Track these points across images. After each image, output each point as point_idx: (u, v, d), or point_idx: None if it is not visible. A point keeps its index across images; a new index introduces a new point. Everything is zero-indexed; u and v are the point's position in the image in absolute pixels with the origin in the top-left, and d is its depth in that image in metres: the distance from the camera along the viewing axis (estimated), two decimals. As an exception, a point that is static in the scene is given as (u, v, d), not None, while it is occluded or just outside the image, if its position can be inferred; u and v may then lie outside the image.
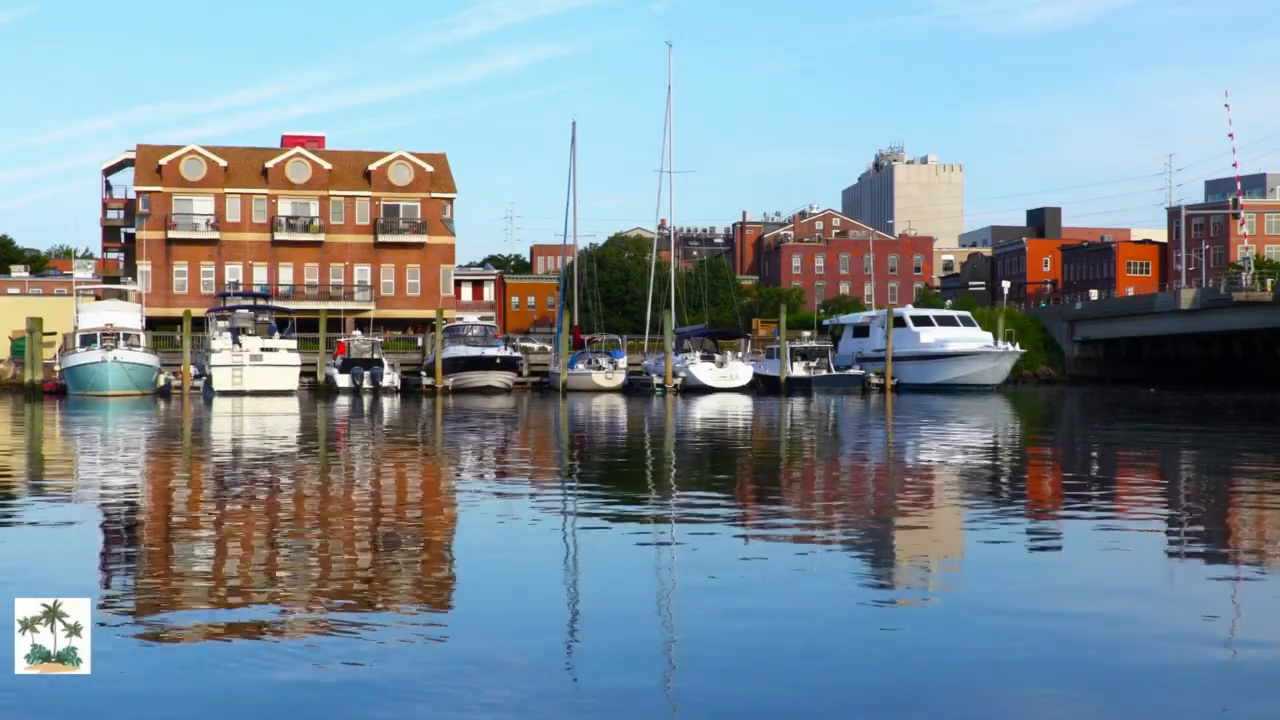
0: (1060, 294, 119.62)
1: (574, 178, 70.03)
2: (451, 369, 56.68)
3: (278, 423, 33.46)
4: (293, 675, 6.81)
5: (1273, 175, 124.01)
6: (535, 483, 17.76)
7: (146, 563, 10.49)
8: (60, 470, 20.15)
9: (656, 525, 12.95)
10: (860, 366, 64.19)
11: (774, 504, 15.11)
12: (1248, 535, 12.55)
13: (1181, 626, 8.15)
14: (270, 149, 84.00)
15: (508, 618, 8.23)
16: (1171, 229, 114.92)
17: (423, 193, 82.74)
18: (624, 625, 8.06)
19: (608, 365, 60.14)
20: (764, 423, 34.66)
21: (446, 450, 24.25)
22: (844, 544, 11.85)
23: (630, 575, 10.01)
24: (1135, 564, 10.71)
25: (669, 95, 70.06)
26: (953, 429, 31.01)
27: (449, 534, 12.58)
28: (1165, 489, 17.13)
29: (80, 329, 53.44)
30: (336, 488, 16.69)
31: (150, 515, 13.91)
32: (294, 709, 6.24)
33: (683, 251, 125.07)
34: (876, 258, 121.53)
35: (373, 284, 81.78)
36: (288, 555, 10.86)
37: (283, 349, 54.13)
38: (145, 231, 78.71)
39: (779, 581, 9.55)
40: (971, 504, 14.95)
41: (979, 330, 66.90)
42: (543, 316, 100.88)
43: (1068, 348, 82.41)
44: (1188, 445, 25.55)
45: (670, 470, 19.79)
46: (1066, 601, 8.90)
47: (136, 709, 6.20)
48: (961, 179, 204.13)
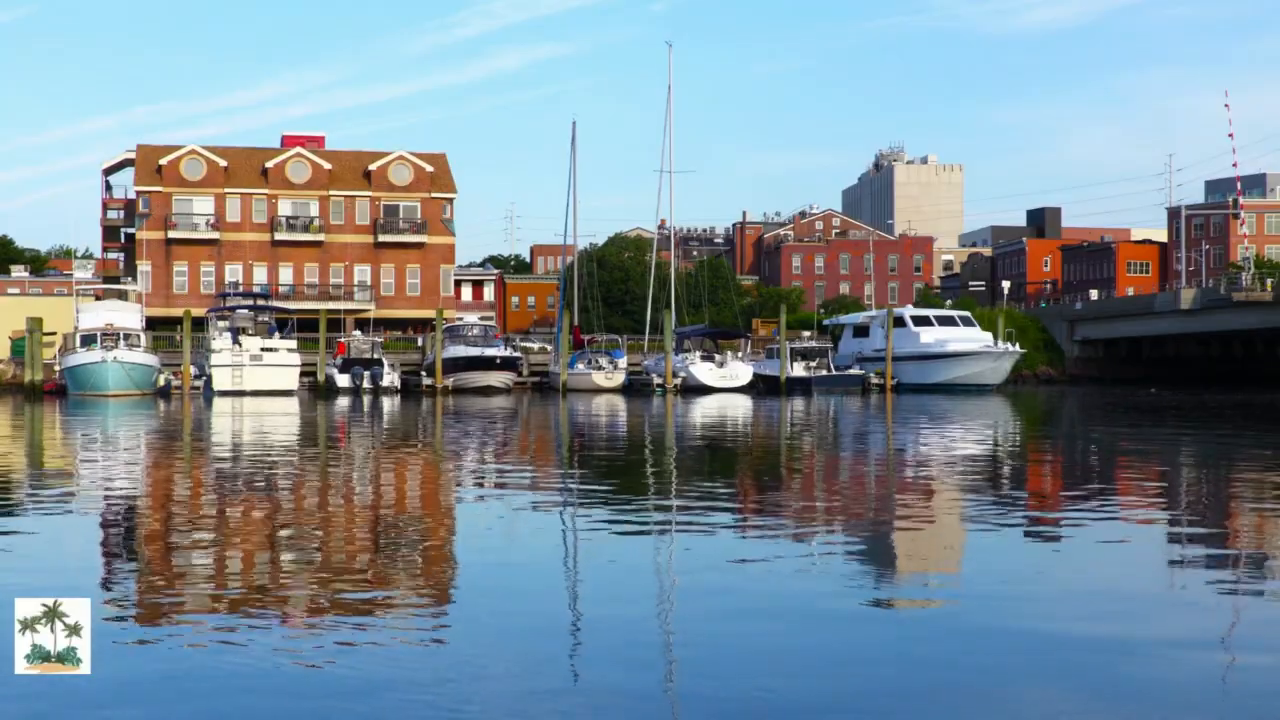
0: (1060, 294, 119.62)
1: (574, 178, 70.15)
2: (451, 369, 56.68)
3: (278, 423, 33.46)
4: (293, 675, 6.82)
5: (1273, 175, 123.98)
6: (535, 483, 17.76)
7: (147, 563, 10.49)
8: (60, 470, 20.15)
9: (656, 525, 12.94)
10: (860, 366, 64.18)
11: (774, 504, 15.11)
12: (1248, 536, 12.55)
13: (1182, 627, 8.15)
14: (270, 149, 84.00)
15: (507, 618, 8.23)
16: (1171, 229, 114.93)
17: (423, 193, 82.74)
18: (623, 625, 8.06)
19: (608, 365, 60.14)
20: (764, 423, 34.66)
21: (446, 450, 24.25)
22: (844, 544, 11.85)
23: (630, 575, 10.01)
24: (1135, 564, 10.71)
25: (669, 95, 70.15)
26: (953, 429, 31.01)
27: (449, 534, 12.58)
28: (1165, 489, 17.12)
29: (80, 329, 53.43)
30: (336, 488, 16.69)
31: (150, 515, 13.91)
32: (294, 709, 6.24)
33: (683, 251, 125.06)
34: (876, 258, 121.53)
35: (373, 284, 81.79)
36: (287, 555, 10.87)
37: (283, 349, 54.12)
38: (145, 231, 78.72)
39: (779, 582, 9.55)
40: (971, 504, 14.95)
41: (979, 330, 66.89)
42: (543, 316, 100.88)
43: (1068, 348, 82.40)
44: (1188, 445, 25.54)
45: (670, 470, 19.79)
46: (1066, 602, 8.90)
47: (136, 709, 6.20)
48: (961, 179, 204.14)
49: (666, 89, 70.52)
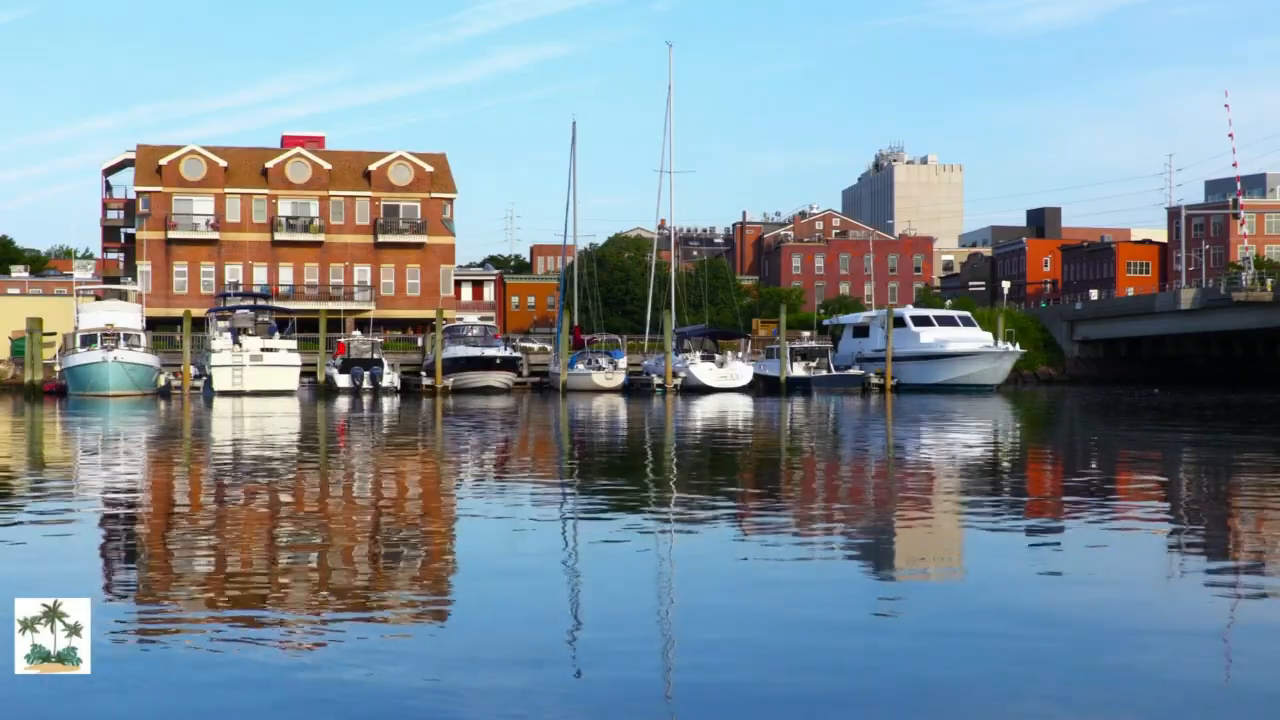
0: (1060, 294, 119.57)
1: (574, 178, 70.23)
2: (451, 369, 56.72)
3: (278, 423, 33.46)
4: (292, 675, 6.82)
5: (1273, 175, 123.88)
6: (535, 483, 17.76)
7: (147, 563, 10.49)
8: (60, 470, 20.14)
9: (656, 525, 12.94)
10: (860, 366, 64.21)
11: (774, 504, 15.11)
12: (1248, 536, 12.54)
13: (1181, 627, 8.15)
14: (270, 149, 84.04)
15: (506, 617, 8.23)
16: (1171, 229, 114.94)
17: (423, 193, 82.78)
18: (623, 625, 8.06)
19: (608, 365, 60.16)
20: (764, 423, 34.66)
21: (446, 450, 24.25)
22: (844, 544, 11.85)
23: (630, 575, 10.01)
24: (1136, 565, 10.70)
25: (669, 95, 70.19)
26: (953, 429, 31.01)
27: (448, 534, 12.59)
28: (1166, 489, 17.12)
29: (80, 329, 53.44)
30: (336, 488, 16.69)
31: (150, 515, 13.91)
32: (294, 708, 6.24)
33: (683, 251, 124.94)
34: (876, 258, 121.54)
35: (373, 284, 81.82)
36: (287, 555, 10.87)
37: (283, 349, 54.16)
38: (145, 231, 78.75)
39: (779, 581, 9.55)
40: (971, 504, 14.95)
41: (979, 330, 66.92)
42: (543, 316, 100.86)
43: (1068, 348, 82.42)
44: (1188, 446, 25.53)
45: (670, 470, 19.79)
46: (1066, 602, 8.90)
47: (136, 709, 6.20)
48: (961, 179, 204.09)
49: (667, 89, 70.69)
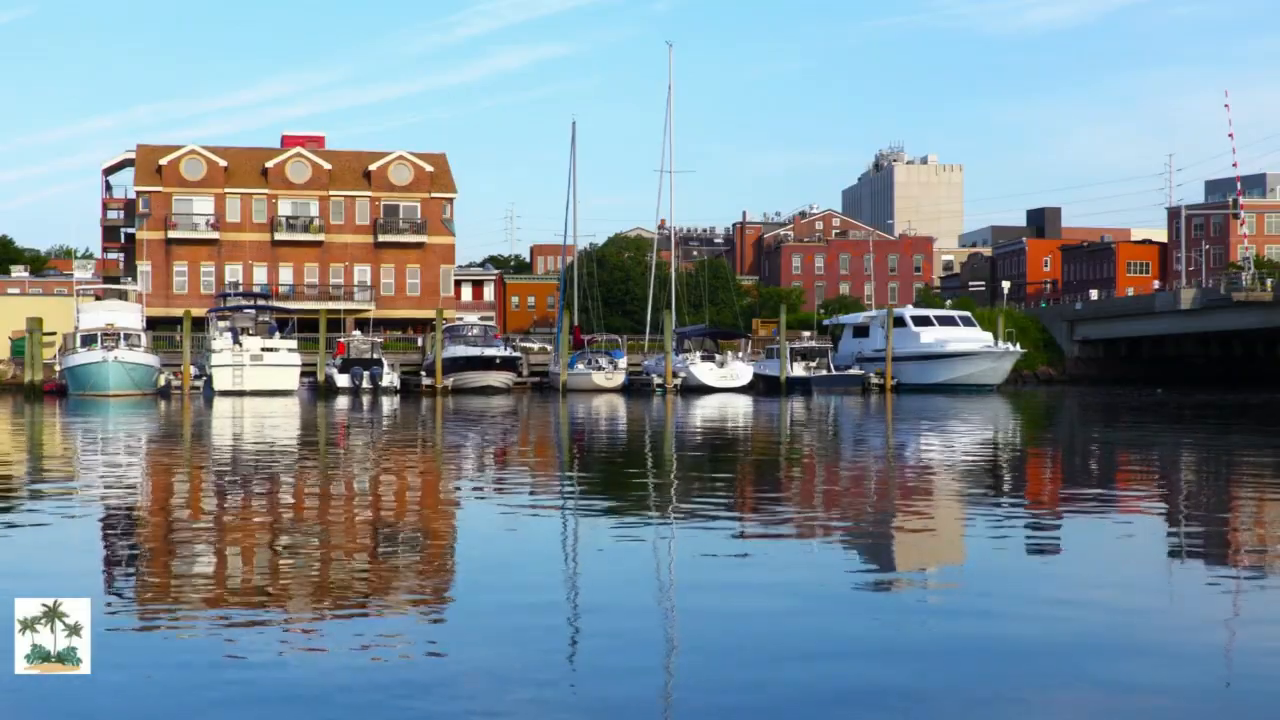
0: (1060, 294, 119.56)
1: (574, 178, 70.22)
2: (451, 369, 56.72)
3: (278, 423, 33.46)
4: (292, 675, 6.82)
5: (1273, 175, 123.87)
6: (534, 482, 17.76)
7: (147, 562, 10.49)
8: (60, 470, 20.14)
9: (656, 524, 12.93)
10: (860, 366, 64.20)
11: (774, 503, 15.11)
12: (1248, 536, 12.55)
13: (1183, 626, 8.16)
14: (270, 149, 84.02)
15: (506, 617, 8.23)
16: (1171, 229, 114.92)
17: (423, 193, 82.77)
18: (624, 624, 8.06)
19: (608, 365, 60.16)
20: (764, 423, 34.66)
21: (446, 450, 24.25)
22: (844, 544, 11.85)
23: (629, 574, 10.01)
24: (1136, 565, 10.70)
25: (669, 95, 70.15)
26: (953, 429, 31.01)
27: (448, 534, 12.59)
28: (1166, 489, 17.12)
29: (80, 329, 53.43)
30: (336, 488, 16.69)
31: (150, 515, 13.91)
32: (294, 708, 6.24)
33: (683, 251, 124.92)
34: (876, 258, 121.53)
35: (373, 284, 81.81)
36: (287, 555, 10.86)
37: (283, 349, 54.15)
38: (145, 231, 78.74)
39: (779, 581, 9.54)
40: (971, 503, 14.95)
41: (979, 330, 66.91)
42: (543, 316, 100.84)
43: (1068, 348, 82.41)
44: (1188, 445, 25.53)
45: (670, 470, 19.79)
46: (1066, 602, 8.90)
47: (136, 709, 6.21)
48: (961, 179, 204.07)
49: (667, 89, 70.63)
